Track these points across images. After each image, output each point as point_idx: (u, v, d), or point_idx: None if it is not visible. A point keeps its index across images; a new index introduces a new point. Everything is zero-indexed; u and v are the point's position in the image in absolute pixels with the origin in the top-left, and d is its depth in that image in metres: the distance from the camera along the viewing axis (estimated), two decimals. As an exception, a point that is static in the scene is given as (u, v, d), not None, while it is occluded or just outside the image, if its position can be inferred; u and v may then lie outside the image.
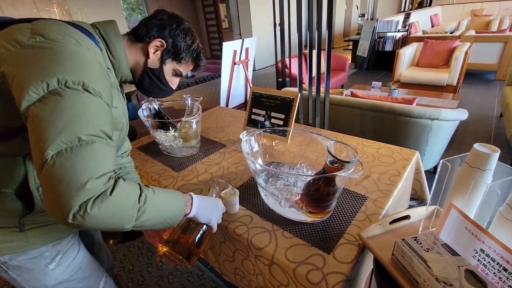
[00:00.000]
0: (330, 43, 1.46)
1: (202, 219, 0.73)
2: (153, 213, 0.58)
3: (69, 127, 0.48)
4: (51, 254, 0.71)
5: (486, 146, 0.58)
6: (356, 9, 8.85)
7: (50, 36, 0.54)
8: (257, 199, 0.95)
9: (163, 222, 0.62)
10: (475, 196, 0.60)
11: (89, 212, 0.47)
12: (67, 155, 0.47)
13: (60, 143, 0.47)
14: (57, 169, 0.46)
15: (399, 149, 1.18)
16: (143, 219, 0.56)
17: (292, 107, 1.26)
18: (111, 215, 0.50)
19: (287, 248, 0.75)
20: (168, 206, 0.63)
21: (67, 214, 0.46)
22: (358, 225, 0.80)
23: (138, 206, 0.54)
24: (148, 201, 0.56)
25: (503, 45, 4.13)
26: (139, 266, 1.59)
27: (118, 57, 0.71)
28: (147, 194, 0.57)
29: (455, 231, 0.60)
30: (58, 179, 0.46)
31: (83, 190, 0.46)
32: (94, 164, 0.49)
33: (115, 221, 0.52)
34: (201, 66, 0.88)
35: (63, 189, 0.46)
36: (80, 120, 0.49)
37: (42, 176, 0.47)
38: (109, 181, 0.50)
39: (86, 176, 0.47)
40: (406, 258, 0.62)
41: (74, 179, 0.46)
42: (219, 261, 1.00)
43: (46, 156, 0.46)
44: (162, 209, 0.61)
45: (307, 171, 0.96)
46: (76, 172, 0.47)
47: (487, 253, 0.53)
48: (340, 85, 4.35)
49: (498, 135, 2.70)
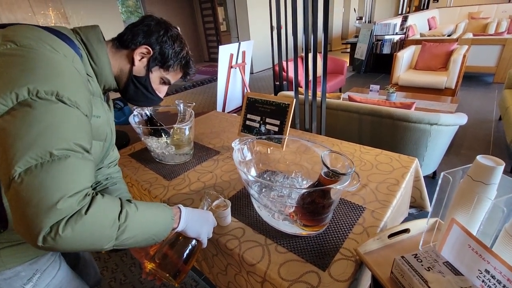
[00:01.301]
0: (326, 46, 1.43)
1: (191, 233, 0.69)
2: (136, 231, 0.54)
3: (39, 141, 0.44)
4: (27, 274, 0.66)
5: (489, 159, 0.54)
6: (354, 12, 8.86)
7: (22, 43, 0.50)
8: (250, 210, 0.91)
9: (147, 239, 0.58)
10: (478, 211, 0.56)
11: (61, 234, 0.43)
12: (36, 172, 0.43)
13: (29, 159, 0.43)
14: (25, 187, 0.42)
15: (398, 156, 1.14)
16: (124, 237, 0.52)
17: (288, 113, 1.23)
18: (87, 236, 0.46)
19: (281, 264, 0.71)
20: (153, 222, 0.59)
21: (36, 237, 0.42)
22: (355, 239, 0.76)
23: (118, 224, 0.50)
24: (129, 218, 0.52)
25: (501, 47, 4.13)
26: (131, 276, 1.55)
27: (100, 64, 0.67)
28: (128, 210, 0.53)
29: (457, 249, 0.57)
30: (27, 199, 0.42)
31: (54, 211, 0.42)
32: (67, 181, 0.45)
33: (92, 242, 0.48)
34: (190, 75, 0.84)
35: (31, 210, 0.42)
36: (52, 134, 0.46)
37: (10, 194, 0.43)
38: (84, 199, 0.47)
39: (57, 194, 0.43)
40: (405, 278, 0.58)
41: (44, 198, 0.42)
42: (213, 273, 0.96)
43: (14, 174, 0.42)
44: (145, 226, 0.57)
45: (302, 180, 0.93)
46: (46, 190, 0.43)
47: (492, 274, 0.50)
48: (338, 88, 4.33)
49: (498, 139, 2.67)
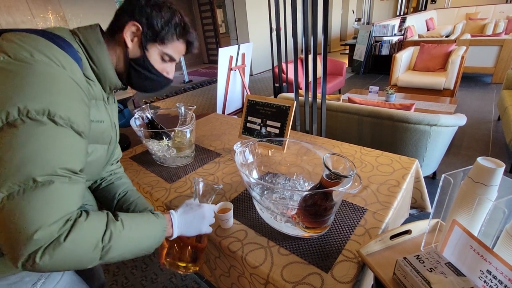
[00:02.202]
0: (326, 48, 1.44)
1: (190, 234, 0.69)
2: (122, 249, 0.53)
3: (23, 167, 0.43)
4: (32, 279, 0.66)
5: (490, 160, 0.55)
6: (352, 14, 8.90)
7: (17, 56, 0.48)
8: (252, 212, 0.92)
9: (137, 253, 0.58)
10: (479, 212, 0.57)
11: (39, 262, 0.43)
12: (18, 199, 0.43)
13: (11, 185, 0.42)
14: (6, 213, 0.42)
15: (398, 158, 1.15)
16: (109, 256, 0.51)
17: (288, 115, 1.24)
18: (67, 261, 0.46)
19: (283, 266, 0.71)
20: (142, 237, 0.57)
21: (16, 262, 0.43)
22: (357, 240, 0.77)
23: (102, 245, 0.50)
24: (114, 238, 0.51)
25: (499, 48, 4.15)
26: (133, 279, 1.55)
27: (102, 66, 0.64)
28: (113, 231, 0.51)
29: (459, 250, 0.57)
30: (7, 225, 0.42)
31: (31, 241, 0.42)
32: (48, 209, 0.44)
33: (73, 265, 0.48)
34: (193, 43, 0.75)
35: (11, 236, 0.42)
36: (37, 159, 0.45)
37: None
38: (65, 225, 0.46)
39: (35, 225, 0.43)
40: (408, 279, 0.58)
41: (23, 228, 0.42)
42: (215, 275, 0.96)
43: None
44: (133, 243, 0.56)
45: (304, 182, 0.93)
46: (25, 220, 0.42)
47: (494, 274, 0.50)
48: (337, 90, 4.35)
49: (497, 139, 2.68)
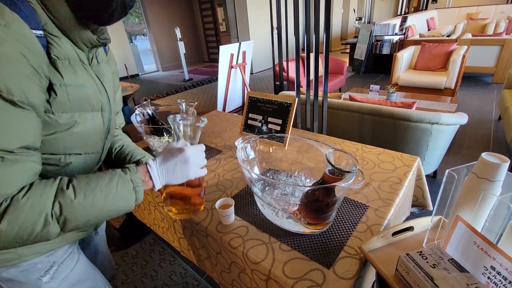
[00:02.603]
0: (328, 46, 1.44)
1: (177, 182, 0.62)
2: (82, 218, 0.49)
3: None
4: (44, 266, 0.65)
5: (494, 156, 0.55)
6: (353, 13, 8.89)
7: None
8: (253, 208, 0.91)
9: (107, 216, 0.53)
10: (483, 208, 0.57)
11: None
12: None
13: None
14: None
15: (400, 155, 1.14)
16: (71, 226, 0.47)
17: (290, 112, 1.23)
18: (16, 240, 0.44)
19: (285, 262, 0.71)
20: (104, 201, 0.50)
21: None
22: (359, 237, 0.77)
23: (54, 218, 0.46)
24: (65, 209, 0.46)
25: (499, 48, 4.15)
26: (133, 276, 1.54)
27: (61, 17, 0.51)
28: (62, 201, 0.46)
29: (462, 246, 0.57)
30: None
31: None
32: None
33: (27, 240, 0.45)
34: None
35: None
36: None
37: None
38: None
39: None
40: (411, 275, 0.58)
41: None
42: (217, 271, 0.96)
43: None
44: (96, 208, 0.50)
45: (306, 179, 0.93)
46: None
47: (498, 270, 0.50)
48: (338, 88, 4.34)
49: (497, 139, 2.68)
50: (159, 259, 1.63)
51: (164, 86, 6.27)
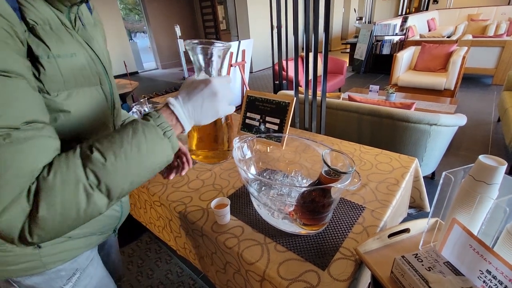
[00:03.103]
0: (327, 46, 1.43)
1: (207, 121, 0.51)
2: (125, 179, 0.42)
3: None
4: (67, 273, 0.63)
5: (492, 158, 0.54)
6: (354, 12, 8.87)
7: None
8: (249, 208, 0.91)
9: (152, 170, 0.45)
10: (480, 211, 0.56)
11: (34, 240, 0.37)
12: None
13: None
14: None
15: (398, 156, 1.14)
16: (117, 193, 0.41)
17: (288, 112, 1.22)
18: (63, 223, 0.38)
19: (280, 263, 0.70)
20: (138, 156, 0.43)
21: (16, 244, 0.37)
22: (355, 238, 0.76)
23: (96, 189, 0.39)
24: (102, 175, 0.39)
25: (500, 49, 4.14)
26: (129, 274, 1.54)
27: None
28: (94, 168, 0.39)
29: (458, 249, 0.56)
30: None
31: (3, 232, 0.35)
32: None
33: (76, 222, 0.40)
34: None
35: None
36: None
37: None
38: (29, 200, 0.36)
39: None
40: (406, 278, 0.57)
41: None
42: (211, 272, 0.96)
43: None
44: (133, 167, 0.42)
45: (302, 179, 0.92)
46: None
47: (493, 274, 0.49)
48: (338, 88, 4.33)
49: (496, 140, 2.68)
50: (155, 258, 1.62)
51: (163, 84, 6.26)
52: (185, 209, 0.92)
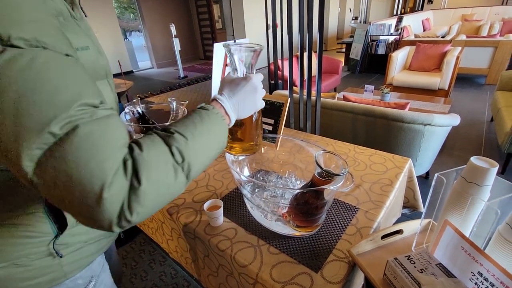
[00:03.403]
0: (321, 46, 1.42)
1: (246, 114, 0.56)
2: (199, 159, 0.44)
3: (24, 122, 0.30)
4: (84, 281, 0.61)
5: (483, 160, 0.54)
6: (349, 12, 8.90)
7: None
8: (242, 210, 0.90)
9: (213, 156, 0.47)
10: (471, 213, 0.56)
11: (133, 219, 0.35)
12: (51, 163, 0.31)
13: (33, 152, 0.31)
14: (49, 187, 0.32)
15: (392, 157, 1.14)
16: (193, 173, 0.42)
17: (282, 112, 1.22)
18: (157, 200, 0.38)
19: (273, 265, 0.70)
20: (208, 138, 0.45)
21: (110, 230, 0.35)
22: (348, 240, 0.76)
23: (179, 166, 0.40)
24: (185, 153, 0.40)
25: (493, 49, 4.19)
26: (123, 277, 1.52)
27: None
28: (179, 146, 0.40)
29: (450, 250, 0.56)
30: (61, 199, 0.32)
31: (104, 208, 0.32)
32: (94, 163, 0.32)
33: (165, 199, 0.40)
34: None
35: (82, 211, 0.33)
36: (35, 103, 0.31)
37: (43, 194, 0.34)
38: (126, 168, 0.34)
39: (95, 189, 0.32)
40: (398, 280, 0.57)
41: (83, 200, 0.32)
42: (204, 275, 0.95)
43: (27, 174, 0.31)
44: (205, 147, 0.45)
45: (296, 180, 0.92)
46: (80, 189, 0.31)
47: (485, 276, 0.49)
48: (333, 88, 4.34)
49: (489, 140, 2.70)
50: (149, 260, 1.60)
51: (158, 83, 6.21)
52: (177, 211, 0.91)
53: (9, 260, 0.49)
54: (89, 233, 0.58)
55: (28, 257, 0.51)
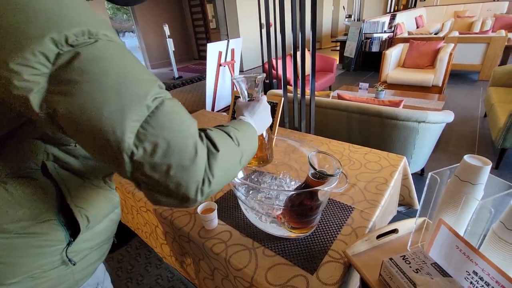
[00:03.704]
0: (314, 44, 1.42)
1: (263, 130, 0.66)
2: (248, 151, 0.51)
3: (125, 98, 0.34)
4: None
5: (476, 158, 0.54)
6: (343, 10, 8.91)
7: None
8: (237, 212, 0.89)
9: (252, 154, 0.54)
10: (466, 212, 0.56)
11: (213, 179, 0.39)
12: (148, 133, 0.35)
13: (131, 123, 0.34)
14: (146, 157, 0.35)
15: (386, 155, 1.14)
16: (243, 164, 0.49)
17: (276, 112, 1.21)
18: (227, 170, 0.43)
19: (268, 268, 0.69)
20: (251, 135, 0.54)
21: (193, 201, 0.39)
22: (343, 240, 0.75)
23: (240, 156, 0.47)
24: (242, 144, 0.48)
25: (486, 46, 4.22)
26: (118, 281, 1.50)
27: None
28: (237, 136, 0.47)
29: (445, 250, 0.56)
30: (158, 167, 0.35)
31: (196, 160, 0.37)
32: (186, 126, 0.38)
33: (232, 172, 0.47)
34: None
35: (174, 179, 0.36)
36: (133, 75, 0.36)
37: (136, 173, 0.36)
38: (201, 135, 0.40)
39: (188, 146, 0.37)
40: (394, 280, 0.57)
41: (179, 159, 0.36)
42: (199, 278, 0.93)
43: (128, 149, 0.34)
44: (250, 143, 0.52)
45: (291, 181, 0.91)
46: (173, 152, 0.35)
47: (480, 275, 0.49)
48: (328, 86, 4.34)
49: (483, 136, 2.73)
50: (145, 263, 1.59)
51: (153, 84, 6.15)
52: (171, 215, 0.90)
53: (25, 273, 0.48)
54: (94, 239, 0.58)
55: (42, 268, 0.50)
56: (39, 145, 0.45)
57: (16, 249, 0.46)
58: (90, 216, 0.54)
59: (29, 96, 0.32)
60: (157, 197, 0.38)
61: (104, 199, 0.58)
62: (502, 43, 4.07)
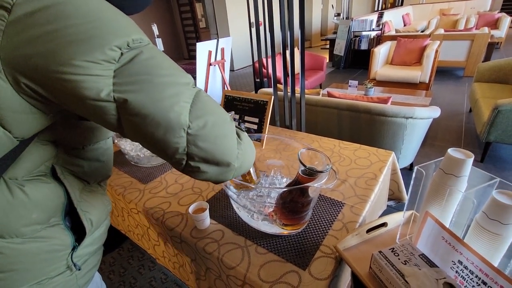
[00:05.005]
0: (303, 43, 1.43)
1: None
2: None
3: (176, 81, 0.42)
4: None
5: (460, 151, 0.55)
6: (332, 9, 8.99)
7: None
8: (229, 211, 0.89)
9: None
10: (450, 203, 0.57)
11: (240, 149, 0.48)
12: (197, 106, 0.42)
13: (184, 104, 0.41)
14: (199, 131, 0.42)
15: (375, 151, 1.16)
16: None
17: (266, 110, 1.21)
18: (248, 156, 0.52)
19: (261, 266, 0.69)
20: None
21: (233, 166, 0.47)
22: (335, 235, 0.76)
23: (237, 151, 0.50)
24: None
25: (470, 43, 4.33)
26: (110, 284, 1.48)
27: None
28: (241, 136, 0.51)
29: (432, 241, 0.57)
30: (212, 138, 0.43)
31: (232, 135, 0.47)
32: (218, 106, 0.47)
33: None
34: None
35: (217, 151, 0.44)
36: (177, 69, 0.44)
37: (190, 145, 0.42)
38: None
39: (227, 122, 0.46)
40: (383, 273, 0.58)
41: (228, 130, 0.46)
42: (192, 280, 0.93)
43: (185, 123, 0.41)
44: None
45: (282, 178, 0.91)
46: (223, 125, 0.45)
47: (465, 265, 0.51)
48: (319, 84, 4.38)
49: (469, 130, 2.80)
50: (138, 265, 1.57)
51: (142, 85, 6.07)
52: (163, 216, 0.89)
53: (32, 280, 0.47)
54: (93, 244, 0.59)
55: (49, 274, 0.49)
56: (50, 149, 0.46)
57: (28, 254, 0.46)
58: (94, 220, 0.55)
59: (100, 86, 0.37)
60: (204, 168, 0.44)
61: (102, 204, 0.59)
62: (485, 40, 4.19)
